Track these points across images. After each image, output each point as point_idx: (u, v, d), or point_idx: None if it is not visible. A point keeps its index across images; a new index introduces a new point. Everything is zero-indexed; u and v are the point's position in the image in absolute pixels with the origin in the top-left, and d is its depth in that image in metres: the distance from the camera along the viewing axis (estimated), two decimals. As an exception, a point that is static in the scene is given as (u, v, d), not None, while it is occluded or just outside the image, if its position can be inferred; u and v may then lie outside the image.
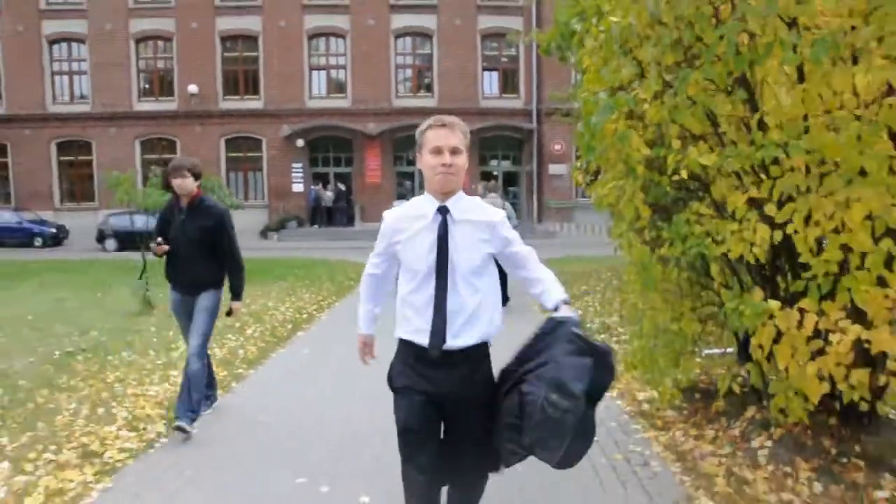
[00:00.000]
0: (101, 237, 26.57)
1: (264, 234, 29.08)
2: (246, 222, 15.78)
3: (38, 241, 27.43)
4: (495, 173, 30.11)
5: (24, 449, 4.64)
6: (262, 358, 7.45)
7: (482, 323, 2.62)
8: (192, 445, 4.75)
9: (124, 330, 8.92)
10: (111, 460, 4.45)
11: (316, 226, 29.95)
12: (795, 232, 3.31)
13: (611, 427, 4.89)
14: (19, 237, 27.12)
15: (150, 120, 30.18)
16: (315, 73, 30.34)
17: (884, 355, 3.32)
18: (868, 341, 3.20)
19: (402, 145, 29.86)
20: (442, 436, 2.77)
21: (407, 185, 30.21)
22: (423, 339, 2.60)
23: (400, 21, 29.71)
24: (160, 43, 30.22)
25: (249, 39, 29.92)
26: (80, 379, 6.51)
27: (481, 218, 2.66)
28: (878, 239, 3.17)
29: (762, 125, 3.45)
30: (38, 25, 29.71)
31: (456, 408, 2.68)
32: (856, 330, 3.20)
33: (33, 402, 5.80)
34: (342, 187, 30.44)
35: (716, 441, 4.46)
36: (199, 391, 4.96)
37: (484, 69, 30.33)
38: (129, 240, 25.60)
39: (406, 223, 2.66)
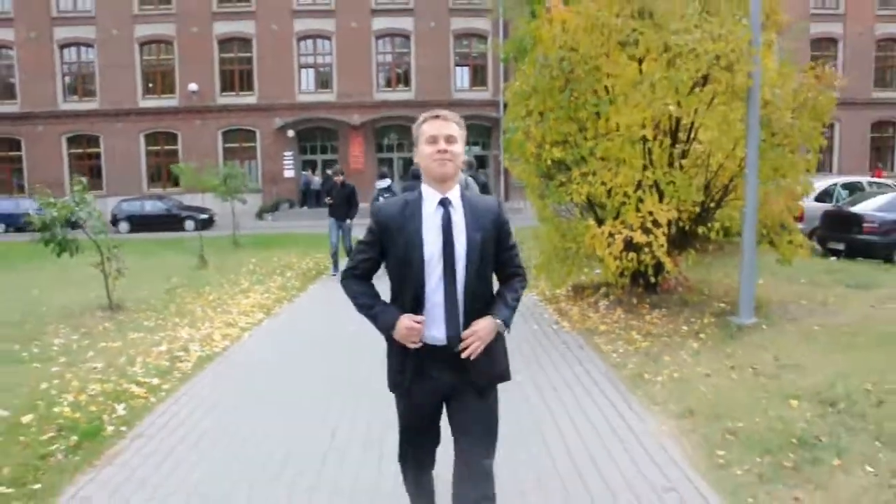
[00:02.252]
0: (114, 220, 29.57)
1: (259, 215, 32.28)
2: (243, 205, 18.91)
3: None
4: (467, 157, 33.57)
5: (186, 326, 8.16)
6: (301, 290, 10.98)
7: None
8: (291, 310, 8.34)
9: (194, 277, 12.35)
10: (241, 329, 8.02)
11: (306, 207, 33.26)
12: (603, 184, 6.96)
13: (530, 305, 8.56)
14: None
15: (154, 115, 33.21)
16: (304, 70, 33.58)
17: (639, 246, 6.98)
18: (631, 238, 6.84)
19: (382, 134, 33.40)
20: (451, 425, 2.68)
21: (385, 170, 33.53)
22: (434, 336, 2.52)
23: (380, 23, 33.05)
24: (162, 46, 33.24)
25: (244, 41, 33.06)
26: (189, 300, 9.97)
27: (482, 205, 2.61)
28: (635, 190, 6.82)
29: (584, 138, 7.11)
30: (50, 31, 32.60)
31: (466, 395, 2.59)
32: (625, 232, 6.85)
33: (175, 304, 9.32)
34: (329, 172, 33.73)
35: (579, 304, 8.17)
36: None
37: (456, 65, 33.75)
38: (140, 223, 28.92)
39: (401, 217, 2.54)
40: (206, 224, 27.94)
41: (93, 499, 3.74)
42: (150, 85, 33.66)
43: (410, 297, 2.50)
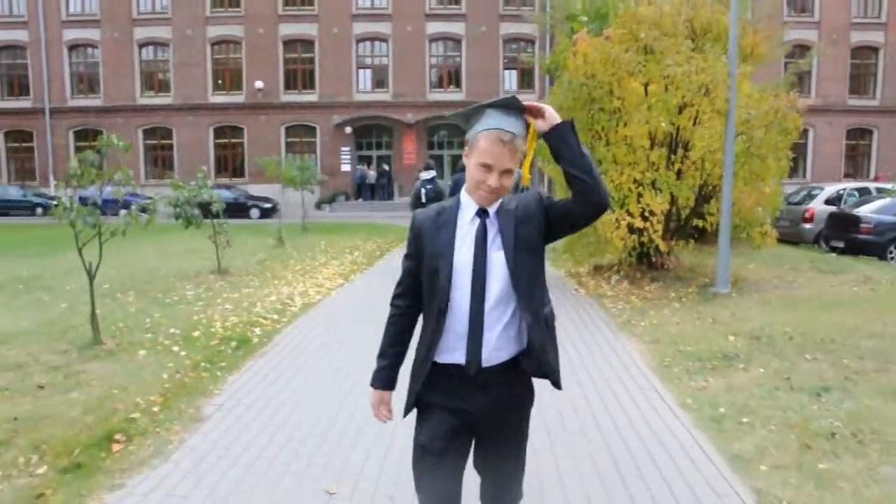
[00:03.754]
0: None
1: (318, 206, 34.73)
2: (301, 196, 21.02)
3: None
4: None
5: (284, 285, 10.38)
6: (369, 265, 13.15)
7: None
8: (363, 278, 10.52)
9: (276, 253, 14.60)
10: (328, 288, 10.21)
11: (361, 199, 35.62)
12: (612, 181, 8.95)
13: (555, 279, 10.57)
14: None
15: (222, 110, 35.87)
16: (361, 71, 35.91)
17: (639, 230, 8.94)
18: (632, 223, 8.82)
19: (433, 132, 35.60)
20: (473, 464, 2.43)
21: (431, 161, 35.70)
22: (457, 356, 2.23)
23: (434, 27, 35.20)
24: (232, 45, 35.86)
25: (307, 43, 35.51)
26: (279, 269, 12.20)
27: (522, 202, 2.29)
28: (636, 187, 8.80)
29: (601, 145, 9.09)
30: (131, 32, 35.48)
31: (491, 429, 2.33)
32: (628, 219, 8.82)
33: (269, 272, 11.58)
34: (385, 167, 36.11)
35: (596, 278, 10.17)
36: None
37: (504, 68, 35.72)
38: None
39: (434, 224, 2.30)
40: (270, 212, 30.51)
41: (258, 374, 5.93)
42: (220, 82, 36.28)
43: (435, 311, 2.24)
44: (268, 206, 30.70)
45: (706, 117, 8.89)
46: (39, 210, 32.52)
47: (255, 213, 30.53)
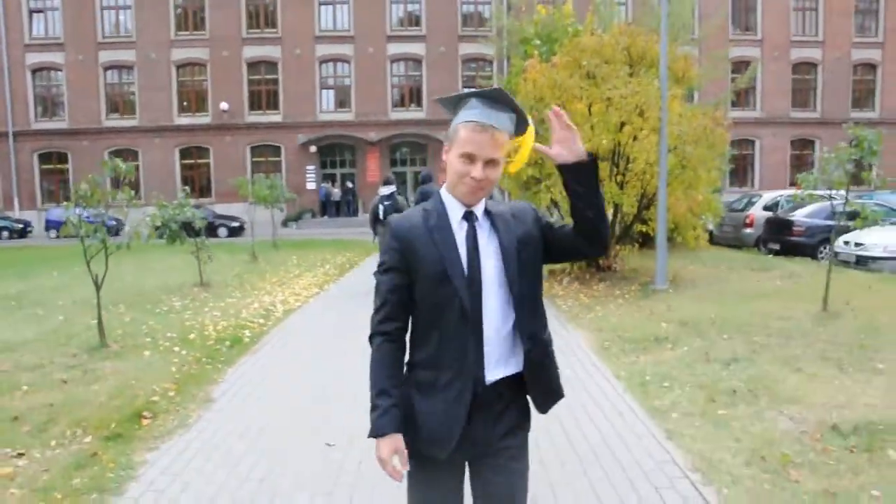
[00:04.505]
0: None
1: (285, 223, 35.36)
2: (270, 215, 21.69)
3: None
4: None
5: (264, 295, 11.22)
6: (340, 276, 14.01)
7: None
8: (337, 286, 11.39)
9: (251, 268, 15.37)
10: (305, 297, 11.07)
11: (326, 216, 36.39)
12: (560, 192, 9.95)
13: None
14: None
15: (188, 132, 36.43)
16: (325, 91, 36.80)
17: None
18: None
19: (395, 150, 36.62)
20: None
21: (391, 175, 36.69)
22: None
23: (395, 49, 36.28)
24: (196, 68, 36.49)
25: (270, 64, 36.30)
26: (257, 281, 12.99)
27: (517, 209, 2.16)
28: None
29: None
30: (96, 55, 35.91)
31: (490, 458, 2.11)
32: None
33: (248, 284, 12.38)
34: (349, 185, 36.97)
35: (549, 281, 11.19)
36: None
37: (464, 86, 36.78)
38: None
39: (426, 228, 2.04)
40: (237, 231, 31.18)
41: (255, 364, 6.79)
42: (185, 104, 36.83)
43: (453, 325, 1.99)
44: (235, 224, 31.36)
45: (643, 134, 9.95)
46: (5, 234, 32.72)
47: (223, 231, 31.09)
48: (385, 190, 11.11)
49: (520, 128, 2.08)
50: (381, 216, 10.83)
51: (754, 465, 4.06)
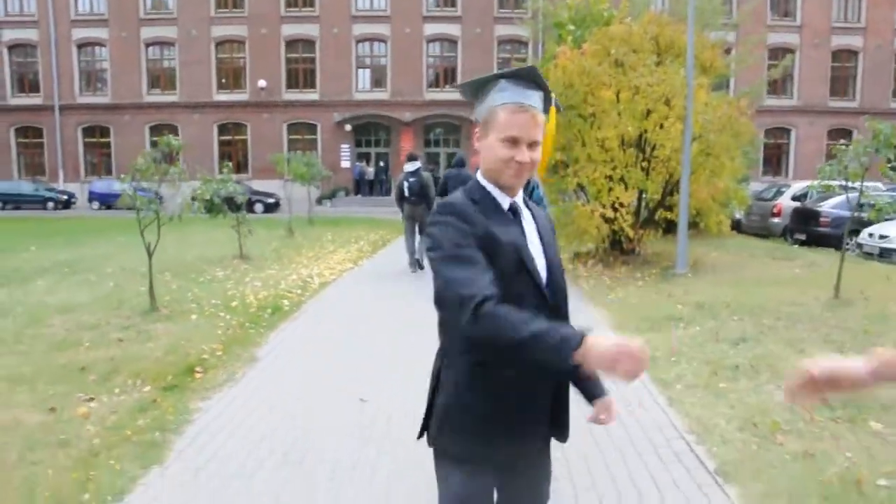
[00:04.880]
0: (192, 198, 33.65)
1: (319, 201, 36.02)
2: (305, 192, 22.60)
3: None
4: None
5: (301, 268, 11.77)
6: (374, 253, 14.54)
7: None
8: (370, 262, 11.92)
9: (288, 242, 15.97)
10: (340, 270, 11.60)
11: (360, 195, 36.98)
12: (587, 176, 10.36)
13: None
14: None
15: (226, 108, 37.20)
16: (361, 70, 37.31)
17: (610, 219, 10.36)
18: (604, 214, 10.23)
19: (429, 130, 37.03)
20: None
21: (415, 151, 37.05)
22: None
23: (431, 29, 36.60)
24: (235, 45, 37.17)
25: (308, 43, 36.86)
26: (294, 255, 13.57)
27: (541, 212, 2.07)
28: (607, 182, 10.22)
29: (578, 146, 10.50)
30: (138, 31, 36.75)
31: (524, 472, 2.05)
32: (600, 210, 10.24)
33: (286, 258, 12.95)
34: (382, 164, 37.49)
35: (574, 263, 11.59)
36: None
37: (499, 67, 37.00)
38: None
39: (483, 215, 1.85)
40: (273, 207, 31.92)
41: (295, 330, 7.34)
42: (224, 80, 37.57)
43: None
44: (271, 201, 32.10)
45: (669, 122, 10.27)
46: (51, 204, 33.84)
47: (259, 207, 31.82)
48: (410, 166, 10.97)
49: (545, 106, 1.95)
50: (406, 193, 10.93)
51: (746, 430, 4.49)
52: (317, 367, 5.97)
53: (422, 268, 10.94)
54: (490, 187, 1.92)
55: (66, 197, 34.86)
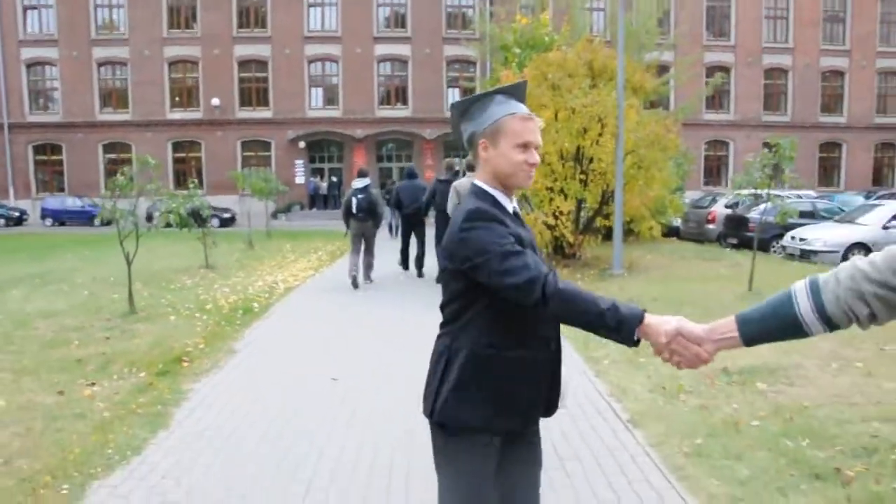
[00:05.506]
0: (149, 217, 33.69)
1: (275, 215, 36.40)
2: (261, 206, 22.79)
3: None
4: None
5: (265, 276, 12.48)
6: (332, 262, 15.28)
7: None
8: (330, 270, 12.68)
9: (249, 254, 16.59)
10: (302, 277, 12.35)
11: (315, 209, 37.56)
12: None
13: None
14: (83, 218, 34.01)
15: (180, 126, 37.48)
16: (314, 89, 38.03)
17: (551, 226, 11.33)
18: (546, 222, 11.19)
19: (382, 146, 38.02)
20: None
21: (365, 168, 37.84)
22: None
23: (381, 49, 37.56)
24: (188, 65, 37.54)
25: (261, 63, 37.46)
26: (257, 265, 14.23)
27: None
28: (548, 192, 11.20)
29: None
30: (90, 51, 36.87)
31: (525, 445, 2.22)
32: (542, 219, 11.19)
33: (249, 267, 13.63)
34: (335, 179, 38.20)
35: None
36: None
37: (448, 86, 38.18)
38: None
39: (506, 218, 2.07)
40: (228, 222, 32.34)
41: (267, 328, 8.10)
42: (177, 99, 37.89)
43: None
44: (227, 215, 32.49)
45: (603, 139, 11.32)
46: (1, 221, 33.65)
47: (215, 222, 32.03)
48: (359, 183, 10.92)
49: None
50: (353, 210, 10.74)
51: (656, 392, 5.43)
52: (290, 356, 6.77)
53: (356, 286, 10.74)
54: (496, 193, 2.11)
55: (17, 214, 34.67)
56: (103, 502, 3.68)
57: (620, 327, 1.86)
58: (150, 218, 33.10)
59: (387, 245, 15.06)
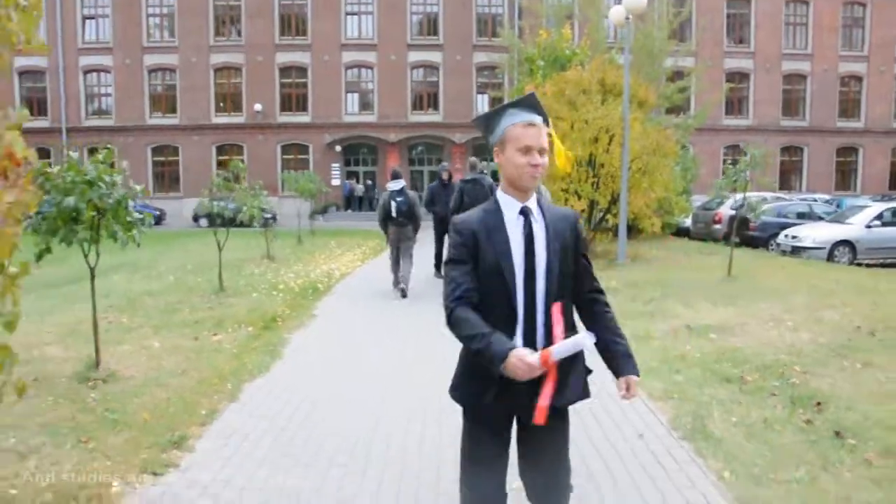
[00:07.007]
0: (195, 217, 36.06)
1: (312, 216, 38.64)
2: (298, 207, 25.09)
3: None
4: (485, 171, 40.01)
5: (320, 265, 14.52)
6: (376, 255, 17.28)
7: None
8: (374, 262, 14.72)
9: (300, 248, 18.66)
10: (353, 266, 14.38)
11: (350, 210, 39.71)
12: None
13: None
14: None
15: (224, 130, 39.83)
16: (350, 95, 40.17)
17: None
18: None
19: (413, 149, 40.09)
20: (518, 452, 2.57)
21: (398, 169, 39.85)
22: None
23: (415, 56, 39.62)
24: (233, 71, 39.88)
25: (301, 69, 39.68)
26: (309, 257, 16.28)
27: (559, 213, 2.52)
28: (563, 193, 13.10)
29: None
30: (141, 58, 39.39)
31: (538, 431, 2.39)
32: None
33: (304, 259, 15.70)
34: (369, 182, 40.33)
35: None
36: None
37: (477, 92, 40.08)
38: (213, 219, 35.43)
39: (485, 226, 2.38)
40: (269, 222, 34.50)
41: (335, 300, 10.12)
42: (222, 104, 40.22)
43: (503, 313, 2.33)
44: (268, 216, 34.59)
45: (612, 148, 13.19)
46: (62, 220, 36.09)
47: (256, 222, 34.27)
48: (394, 185, 10.28)
49: (545, 123, 2.45)
50: (393, 213, 10.16)
51: (632, 341, 7.31)
52: (355, 318, 8.83)
53: (405, 296, 10.32)
54: (504, 199, 2.43)
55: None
56: (253, 395, 5.69)
57: (491, 364, 2.23)
58: (196, 218, 35.97)
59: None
